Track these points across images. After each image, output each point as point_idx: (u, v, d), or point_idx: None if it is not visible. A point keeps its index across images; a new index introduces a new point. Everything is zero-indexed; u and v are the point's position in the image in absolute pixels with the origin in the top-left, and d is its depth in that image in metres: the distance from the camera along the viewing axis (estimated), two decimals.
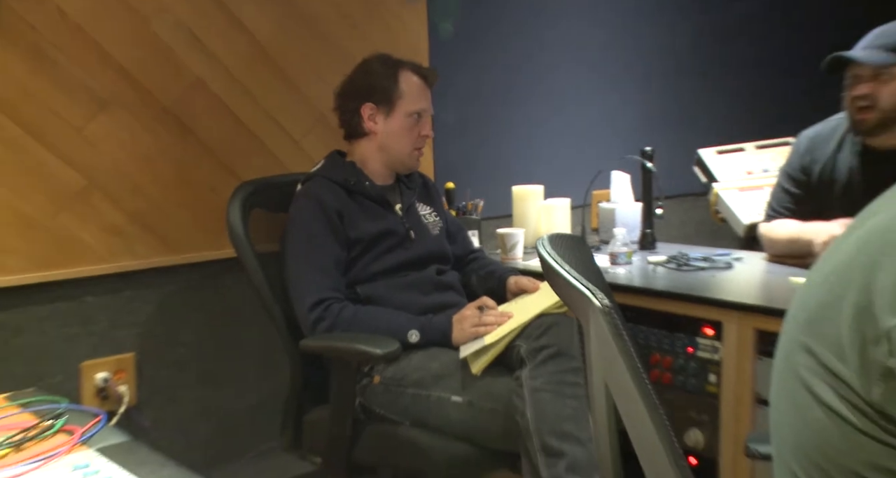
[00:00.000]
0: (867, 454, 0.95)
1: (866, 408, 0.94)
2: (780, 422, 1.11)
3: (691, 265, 2.74)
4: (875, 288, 0.92)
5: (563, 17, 3.71)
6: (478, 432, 2.25)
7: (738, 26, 4.27)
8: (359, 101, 2.47)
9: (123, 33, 2.52)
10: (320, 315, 2.27)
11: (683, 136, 3.72)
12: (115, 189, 2.53)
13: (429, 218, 2.63)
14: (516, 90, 3.56)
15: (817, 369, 1.00)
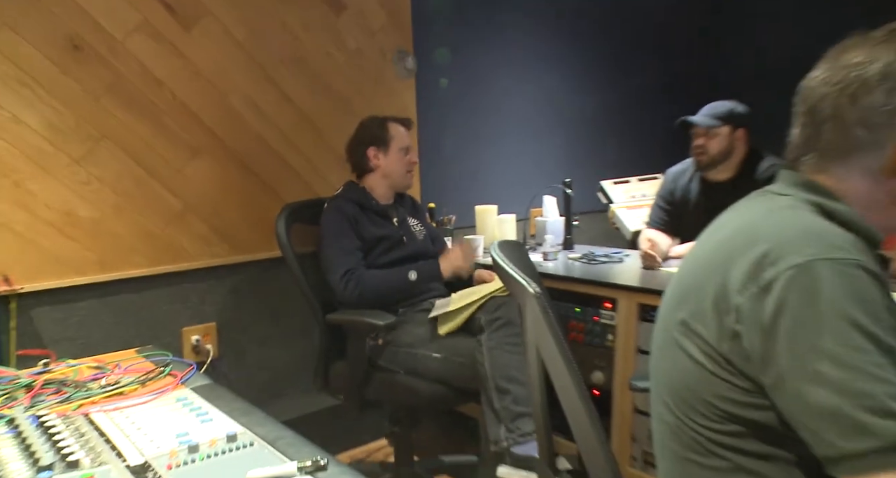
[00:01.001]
0: (715, 388, 1.01)
1: (718, 357, 0.99)
2: (657, 368, 1.16)
3: (597, 260, 2.82)
4: (729, 278, 0.97)
5: (513, 85, 3.70)
6: (451, 377, 2.29)
7: (630, 96, 4.22)
8: (364, 147, 2.56)
9: (210, 105, 2.60)
10: (348, 279, 2.34)
11: (591, 171, 3.75)
12: (202, 210, 2.62)
13: (416, 227, 2.67)
14: (479, 137, 3.56)
15: (687, 332, 1.05)
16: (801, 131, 1.07)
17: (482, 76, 3.57)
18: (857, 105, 0.99)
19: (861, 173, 1.02)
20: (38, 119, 2.24)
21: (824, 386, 0.87)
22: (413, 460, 2.57)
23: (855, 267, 0.90)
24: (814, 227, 0.98)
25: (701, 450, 1.04)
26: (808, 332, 0.89)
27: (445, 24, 3.37)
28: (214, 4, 2.61)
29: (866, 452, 0.85)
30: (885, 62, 0.98)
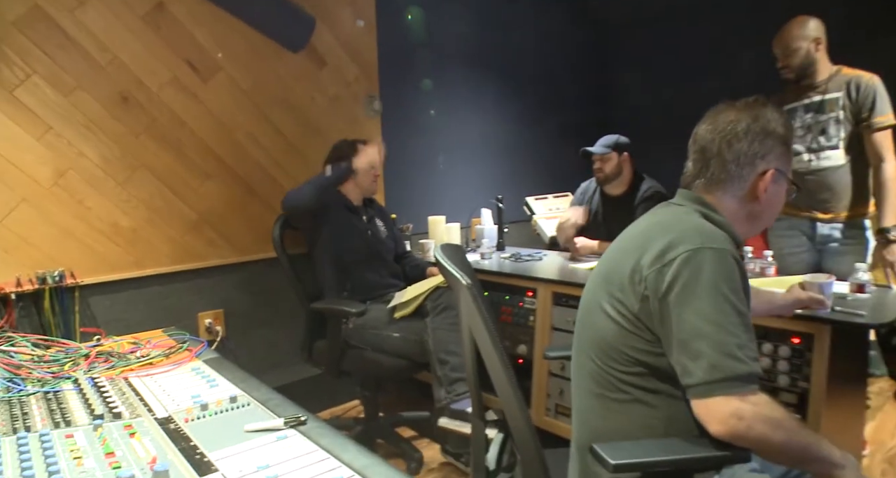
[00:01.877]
0: (627, 340, 1.12)
1: (631, 317, 1.11)
2: (584, 330, 1.23)
3: (522, 259, 2.87)
4: (642, 259, 1.10)
5: (459, 122, 3.72)
6: (407, 352, 2.32)
7: (547, 132, 4.26)
8: (341, 162, 2.55)
9: (221, 139, 2.64)
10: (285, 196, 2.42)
11: (518, 189, 3.78)
12: (213, 220, 2.64)
13: (381, 228, 2.69)
14: (431, 162, 3.61)
15: (611, 300, 1.15)
16: (693, 164, 1.23)
17: (435, 115, 3.62)
18: (731, 149, 1.17)
19: (732, 197, 1.19)
20: (95, 153, 2.33)
21: (696, 335, 1.02)
22: (379, 416, 2.61)
23: (728, 255, 1.06)
24: (702, 226, 1.13)
25: (611, 387, 1.14)
26: (690, 296, 1.03)
27: (406, 76, 3.43)
28: (226, 62, 2.66)
29: (711, 380, 1.00)
30: (747, 122, 1.17)
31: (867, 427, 2.72)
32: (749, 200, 1.19)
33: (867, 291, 1.96)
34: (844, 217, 2.41)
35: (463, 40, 3.72)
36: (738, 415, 0.99)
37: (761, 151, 1.17)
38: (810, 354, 1.75)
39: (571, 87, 4.54)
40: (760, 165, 1.18)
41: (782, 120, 1.19)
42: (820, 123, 2.37)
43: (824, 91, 2.37)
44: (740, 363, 1.01)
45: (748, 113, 1.18)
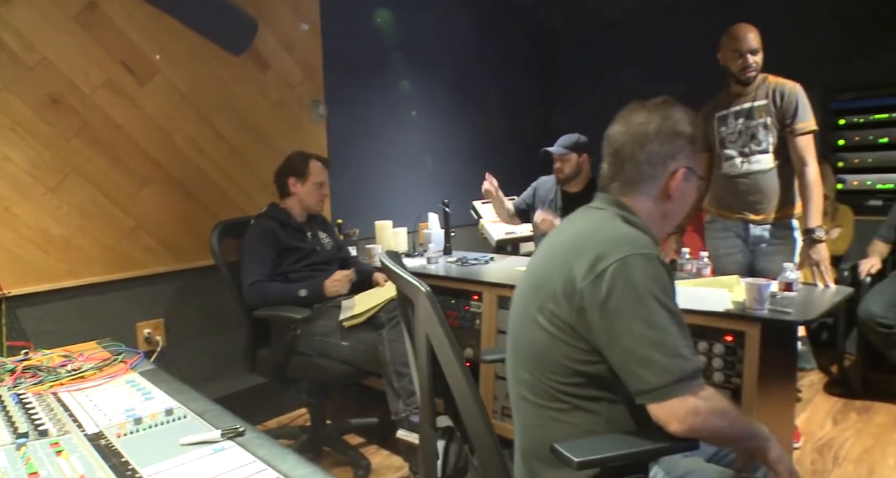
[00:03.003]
0: (563, 351, 1.12)
1: (567, 328, 1.11)
2: (518, 343, 1.22)
3: (468, 263, 2.88)
4: (573, 271, 1.10)
5: (405, 126, 3.72)
6: (356, 360, 2.30)
7: (493, 137, 4.30)
8: (286, 176, 2.53)
9: (159, 143, 2.57)
10: (253, 288, 2.30)
11: (466, 194, 3.81)
12: (151, 227, 2.57)
13: (325, 240, 2.64)
14: (378, 167, 3.57)
15: (544, 312, 1.14)
16: (609, 166, 1.25)
17: (382, 120, 3.61)
18: (643, 150, 1.19)
19: (647, 197, 1.22)
20: (22, 157, 2.23)
21: (642, 343, 1.04)
22: (326, 424, 2.58)
23: (655, 259, 1.09)
24: (627, 232, 1.14)
25: (550, 398, 1.15)
26: (629, 305, 1.05)
27: (351, 79, 3.41)
28: (165, 65, 2.59)
29: (667, 384, 1.03)
30: (657, 123, 1.19)
31: (799, 419, 2.85)
32: (662, 199, 1.22)
33: (795, 290, 2.05)
34: (773, 218, 2.52)
35: (410, 45, 3.73)
36: (694, 412, 1.03)
37: (672, 150, 1.20)
38: (742, 352, 1.83)
39: (519, 92, 4.60)
40: (672, 165, 1.21)
41: (689, 119, 1.22)
42: (750, 129, 2.46)
43: (753, 98, 2.47)
44: (687, 361, 1.05)
45: (658, 114, 1.20)
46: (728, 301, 1.92)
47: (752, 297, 1.82)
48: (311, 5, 3.17)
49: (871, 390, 3.15)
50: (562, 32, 4.79)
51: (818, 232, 2.34)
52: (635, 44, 4.41)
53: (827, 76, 3.61)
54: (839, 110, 3.67)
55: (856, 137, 3.63)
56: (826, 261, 2.32)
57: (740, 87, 2.47)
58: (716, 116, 2.55)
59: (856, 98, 3.62)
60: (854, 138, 3.64)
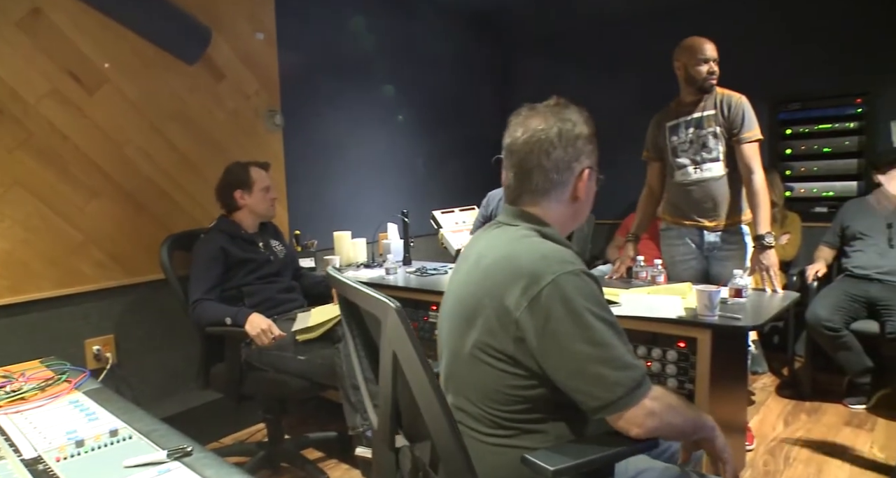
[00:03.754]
0: (505, 380, 1.11)
1: (506, 358, 1.10)
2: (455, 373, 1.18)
3: (428, 273, 2.87)
4: (505, 301, 1.08)
5: (364, 136, 3.69)
6: (312, 374, 2.24)
7: (452, 147, 4.33)
8: (231, 190, 2.48)
9: (108, 154, 2.50)
10: (194, 308, 2.26)
11: (426, 203, 3.86)
12: (101, 240, 2.50)
13: (277, 248, 2.59)
14: (336, 177, 3.54)
15: (482, 346, 1.12)
16: (515, 178, 1.22)
17: (339, 129, 3.60)
18: (550, 158, 1.18)
19: (558, 202, 1.22)
20: None
21: (589, 361, 1.04)
22: (284, 439, 2.54)
23: (583, 274, 1.08)
24: (549, 251, 1.12)
25: (496, 427, 1.14)
26: (569, 327, 1.04)
27: (308, 89, 3.39)
28: (114, 73, 2.53)
29: (621, 396, 1.04)
30: (558, 128, 1.18)
31: (752, 421, 2.93)
32: (572, 201, 1.23)
33: (745, 296, 2.11)
34: (725, 224, 2.60)
35: (367, 54, 3.73)
36: (651, 414, 1.06)
37: (575, 153, 1.20)
38: (695, 358, 1.86)
39: (476, 101, 4.63)
40: (577, 167, 1.21)
41: (584, 118, 1.23)
42: (701, 138, 2.53)
43: (703, 108, 2.55)
44: (635, 370, 1.07)
45: (556, 118, 1.20)
46: (681, 308, 1.96)
47: (702, 304, 1.86)
48: (266, 14, 3.14)
49: (819, 390, 3.25)
50: (521, 41, 4.85)
51: (768, 238, 2.42)
52: (592, 54, 4.51)
53: (774, 88, 3.74)
54: (786, 121, 3.80)
55: (802, 146, 3.76)
56: (775, 266, 2.39)
57: (695, 96, 2.54)
58: (666, 126, 2.62)
59: (801, 109, 3.75)
60: (800, 148, 3.77)
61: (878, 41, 3.44)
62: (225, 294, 2.38)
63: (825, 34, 3.59)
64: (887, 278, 3.07)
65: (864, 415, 3.00)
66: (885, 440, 2.71)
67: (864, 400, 3.08)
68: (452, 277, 1.29)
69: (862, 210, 3.30)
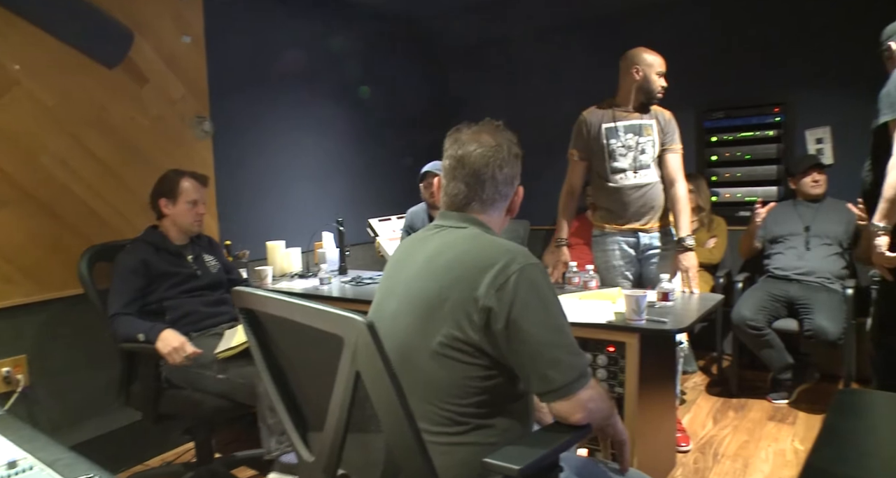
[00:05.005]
0: (468, 372, 1.14)
1: (469, 348, 1.13)
2: (406, 373, 1.11)
3: (363, 282, 2.87)
4: (476, 291, 1.12)
5: (297, 143, 3.64)
6: (232, 394, 2.17)
7: (391, 154, 4.31)
8: (157, 198, 2.42)
9: (19, 162, 2.38)
10: (111, 322, 2.19)
11: (363, 211, 3.83)
12: (10, 254, 2.36)
13: (210, 262, 2.53)
14: (269, 185, 3.48)
15: (436, 337, 1.13)
16: (466, 186, 1.29)
17: (272, 137, 3.53)
18: (502, 172, 1.28)
19: (499, 214, 1.33)
20: None
21: (549, 345, 1.11)
22: (214, 458, 2.45)
23: (541, 266, 1.17)
24: (511, 245, 1.20)
25: (450, 423, 1.16)
26: (533, 311, 1.11)
27: (239, 95, 3.30)
28: (25, 76, 2.39)
29: (573, 380, 1.12)
30: (507, 146, 1.29)
31: (684, 420, 3.02)
32: (507, 213, 1.35)
33: (671, 299, 2.17)
34: (658, 227, 2.69)
35: (301, 60, 3.67)
36: (592, 400, 1.14)
37: (517, 171, 1.33)
38: (623, 361, 1.90)
39: (414, 107, 4.62)
40: (516, 183, 1.34)
41: (517, 140, 1.35)
42: (640, 145, 2.62)
43: (642, 116, 2.65)
44: (582, 357, 1.16)
45: (503, 137, 1.31)
46: (610, 313, 2.01)
47: (630, 308, 1.90)
48: (194, 17, 3.05)
49: (745, 387, 3.39)
50: (456, 49, 4.88)
51: (688, 241, 2.54)
52: (524, 62, 4.58)
53: (700, 97, 3.90)
54: (711, 129, 3.96)
55: (726, 153, 3.93)
56: (695, 268, 2.51)
57: (639, 103, 2.64)
58: (603, 127, 2.65)
59: (725, 117, 3.92)
60: (725, 154, 3.93)
61: (793, 54, 3.63)
62: (146, 308, 2.30)
63: (747, 47, 3.77)
64: (805, 279, 3.24)
65: (787, 409, 3.15)
66: (805, 433, 2.85)
67: (787, 395, 3.22)
68: (391, 278, 1.31)
69: (782, 214, 3.47)
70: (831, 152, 3.60)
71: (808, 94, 3.63)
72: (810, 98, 3.62)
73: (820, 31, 3.52)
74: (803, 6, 3.56)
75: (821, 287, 3.19)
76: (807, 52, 3.58)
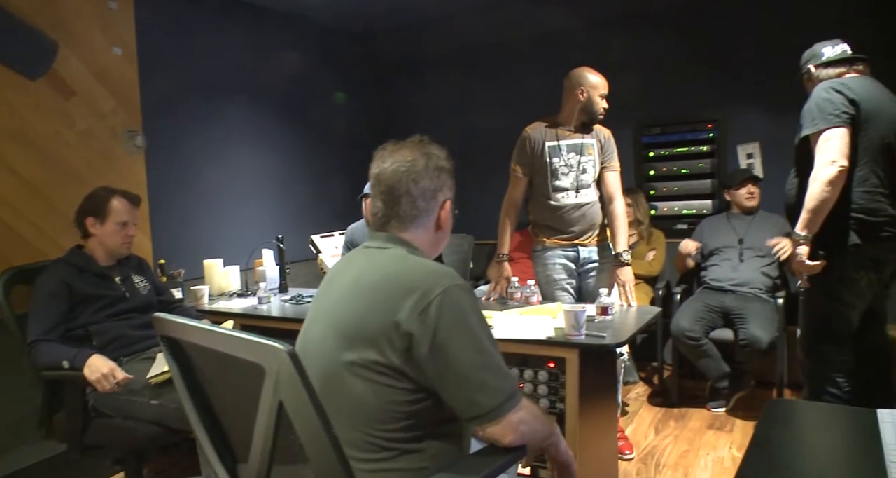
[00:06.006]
0: (391, 396, 1.11)
1: (392, 372, 1.11)
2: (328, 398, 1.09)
3: (304, 300, 2.79)
4: (397, 314, 1.10)
5: (235, 159, 3.57)
6: (166, 420, 2.08)
7: (332, 170, 4.25)
8: (84, 216, 2.31)
9: None
10: (29, 350, 2.08)
11: (305, 227, 3.75)
12: None
13: (140, 284, 2.43)
14: (205, 202, 3.40)
15: (359, 362, 1.11)
16: (383, 205, 1.28)
17: (209, 152, 3.45)
18: (418, 186, 1.26)
19: (424, 230, 1.29)
20: None
21: (475, 368, 1.10)
22: None
23: (467, 288, 1.16)
24: (435, 266, 1.18)
25: (377, 449, 1.13)
26: (458, 334, 1.10)
27: (174, 108, 3.22)
28: None
29: (501, 403, 1.10)
30: (425, 161, 1.28)
31: (628, 431, 3.06)
32: (435, 229, 1.32)
33: (610, 314, 2.21)
34: (597, 242, 2.74)
35: (241, 73, 3.62)
36: (523, 421, 1.13)
37: (439, 184, 1.30)
38: (564, 377, 1.91)
39: (357, 122, 4.59)
40: (440, 198, 1.31)
41: (445, 155, 1.33)
42: (581, 164, 2.65)
43: (583, 136, 2.69)
44: (511, 379, 1.14)
45: (421, 152, 1.29)
46: (550, 329, 2.02)
47: (569, 323, 1.92)
48: (125, 28, 2.96)
49: (686, 396, 3.47)
50: (400, 64, 4.88)
51: (625, 255, 2.60)
52: (468, 77, 4.60)
53: (637, 112, 4.01)
54: (648, 144, 4.07)
55: (663, 167, 4.04)
56: (631, 282, 2.57)
57: (581, 122, 2.67)
58: (546, 145, 2.67)
59: (662, 133, 4.04)
60: (662, 169, 4.05)
61: (724, 74, 3.78)
62: (70, 333, 2.18)
63: (682, 66, 3.90)
64: (739, 289, 3.35)
65: (725, 417, 3.23)
66: (742, 440, 2.93)
67: (724, 403, 3.31)
68: (318, 302, 1.29)
69: (717, 227, 3.59)
70: (761, 166, 3.75)
71: (739, 110, 3.78)
72: (741, 115, 3.77)
73: (749, 53, 3.68)
74: (733, 29, 3.72)
75: (754, 297, 3.30)
76: (737, 72, 3.74)
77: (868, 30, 3.01)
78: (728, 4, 3.72)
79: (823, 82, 2.20)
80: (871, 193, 2.13)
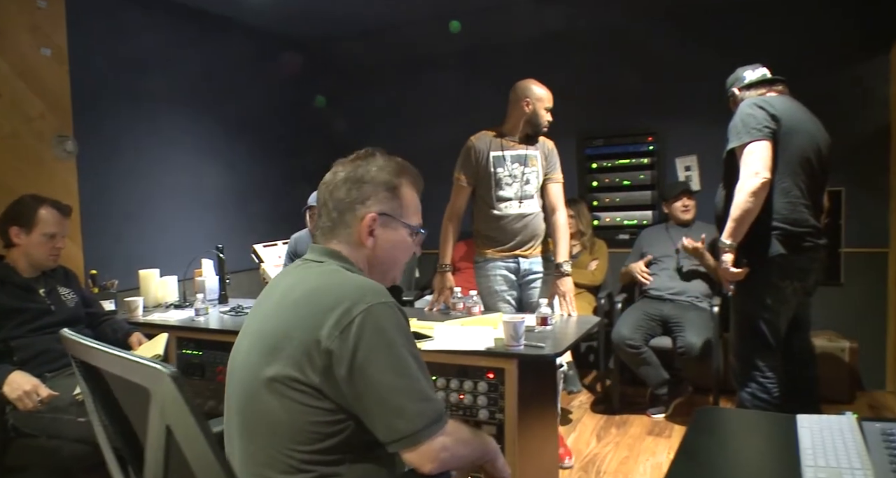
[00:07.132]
0: (308, 416, 1.06)
1: (311, 391, 1.06)
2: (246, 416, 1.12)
3: (244, 312, 2.71)
4: (319, 332, 1.05)
5: (172, 167, 3.51)
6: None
7: (275, 178, 4.23)
8: (8, 225, 2.22)
9: None
10: None
11: (246, 236, 3.70)
12: None
13: (67, 296, 2.35)
14: (141, 211, 3.34)
15: (278, 379, 1.06)
16: (319, 217, 1.29)
17: (145, 158, 3.35)
18: (333, 197, 1.24)
19: (345, 244, 1.25)
20: None
21: (393, 392, 1.05)
22: None
23: (395, 306, 1.11)
24: (361, 282, 1.13)
25: (292, 471, 1.07)
26: (377, 355, 1.05)
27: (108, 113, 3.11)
28: None
29: (419, 429, 1.06)
30: (346, 172, 1.25)
31: (570, 439, 3.10)
32: (358, 245, 1.24)
33: (550, 324, 2.23)
34: (539, 252, 2.76)
35: (179, 78, 3.53)
36: (444, 449, 1.08)
37: (360, 196, 1.22)
38: (503, 388, 1.92)
39: (299, 131, 4.53)
40: (361, 210, 1.23)
41: (389, 168, 1.27)
42: (525, 175, 2.68)
43: (527, 147, 2.71)
44: (434, 403, 1.10)
45: (351, 164, 1.27)
46: (490, 339, 2.02)
47: (508, 334, 1.93)
48: (54, 28, 2.85)
49: (627, 403, 3.54)
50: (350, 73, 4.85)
51: (565, 266, 2.63)
52: (410, 89, 4.62)
53: (580, 124, 4.09)
54: (591, 156, 4.16)
55: (606, 179, 4.14)
56: (572, 292, 2.61)
57: (525, 134, 2.69)
58: (491, 155, 2.69)
59: (604, 145, 4.14)
60: (605, 180, 4.14)
61: (663, 89, 3.90)
62: None
63: (624, 80, 4.01)
64: (677, 298, 3.45)
65: (664, 423, 3.31)
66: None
67: (664, 409, 3.39)
68: (251, 314, 1.24)
69: (656, 237, 3.69)
70: (698, 179, 3.88)
71: (677, 124, 3.90)
72: (679, 128, 3.90)
73: (687, 69, 3.81)
74: (672, 45, 3.85)
75: (691, 305, 3.40)
76: (675, 87, 3.86)
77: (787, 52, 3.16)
78: (668, 22, 3.85)
79: (747, 99, 2.31)
80: (794, 203, 2.23)
